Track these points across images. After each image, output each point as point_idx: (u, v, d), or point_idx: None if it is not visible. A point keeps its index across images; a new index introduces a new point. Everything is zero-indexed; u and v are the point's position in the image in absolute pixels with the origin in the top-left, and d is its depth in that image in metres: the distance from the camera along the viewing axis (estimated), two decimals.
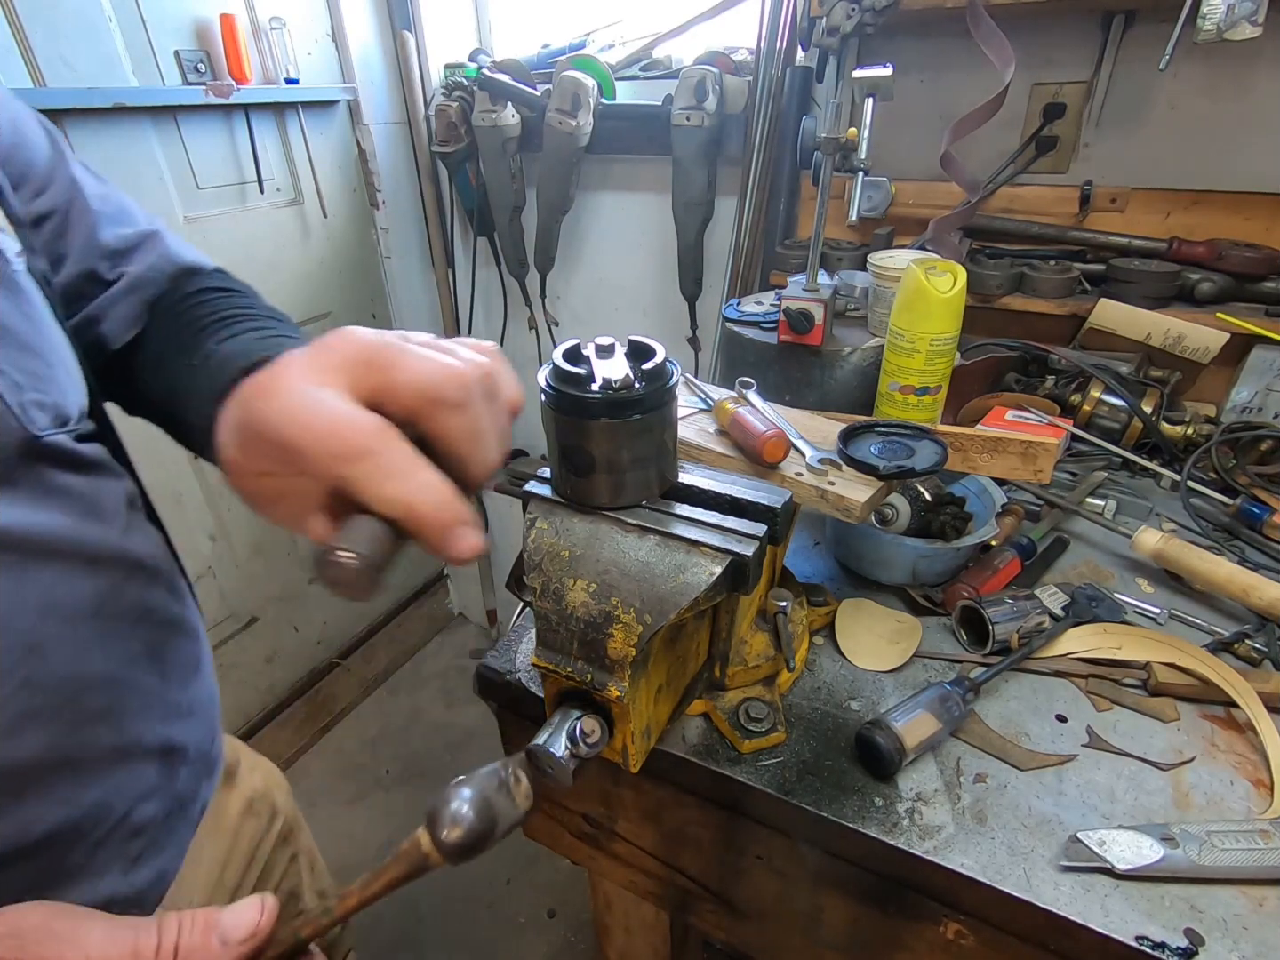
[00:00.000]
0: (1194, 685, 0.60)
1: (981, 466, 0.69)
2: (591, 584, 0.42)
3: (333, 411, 0.27)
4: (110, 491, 0.45)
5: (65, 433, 0.41)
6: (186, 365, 0.45)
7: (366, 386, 0.29)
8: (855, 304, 0.98)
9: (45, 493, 0.39)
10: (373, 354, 0.29)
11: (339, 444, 0.26)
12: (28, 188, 0.47)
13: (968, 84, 1.10)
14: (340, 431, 0.27)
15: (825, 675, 0.64)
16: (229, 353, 0.43)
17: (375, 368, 0.29)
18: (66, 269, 0.49)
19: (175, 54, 1.31)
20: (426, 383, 0.28)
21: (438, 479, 0.28)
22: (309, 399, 0.28)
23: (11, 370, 0.37)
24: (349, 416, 0.27)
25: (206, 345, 0.45)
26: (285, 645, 1.86)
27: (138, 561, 0.45)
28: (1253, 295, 0.98)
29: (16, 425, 0.37)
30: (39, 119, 0.50)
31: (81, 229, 0.50)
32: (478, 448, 0.29)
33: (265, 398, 0.29)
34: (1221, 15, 0.78)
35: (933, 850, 0.49)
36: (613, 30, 1.56)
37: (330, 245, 1.71)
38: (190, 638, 0.52)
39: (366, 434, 0.27)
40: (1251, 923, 0.45)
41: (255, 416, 0.29)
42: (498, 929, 1.56)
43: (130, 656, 0.44)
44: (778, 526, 0.45)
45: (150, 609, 0.47)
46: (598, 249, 1.67)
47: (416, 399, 0.28)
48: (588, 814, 0.68)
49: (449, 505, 0.28)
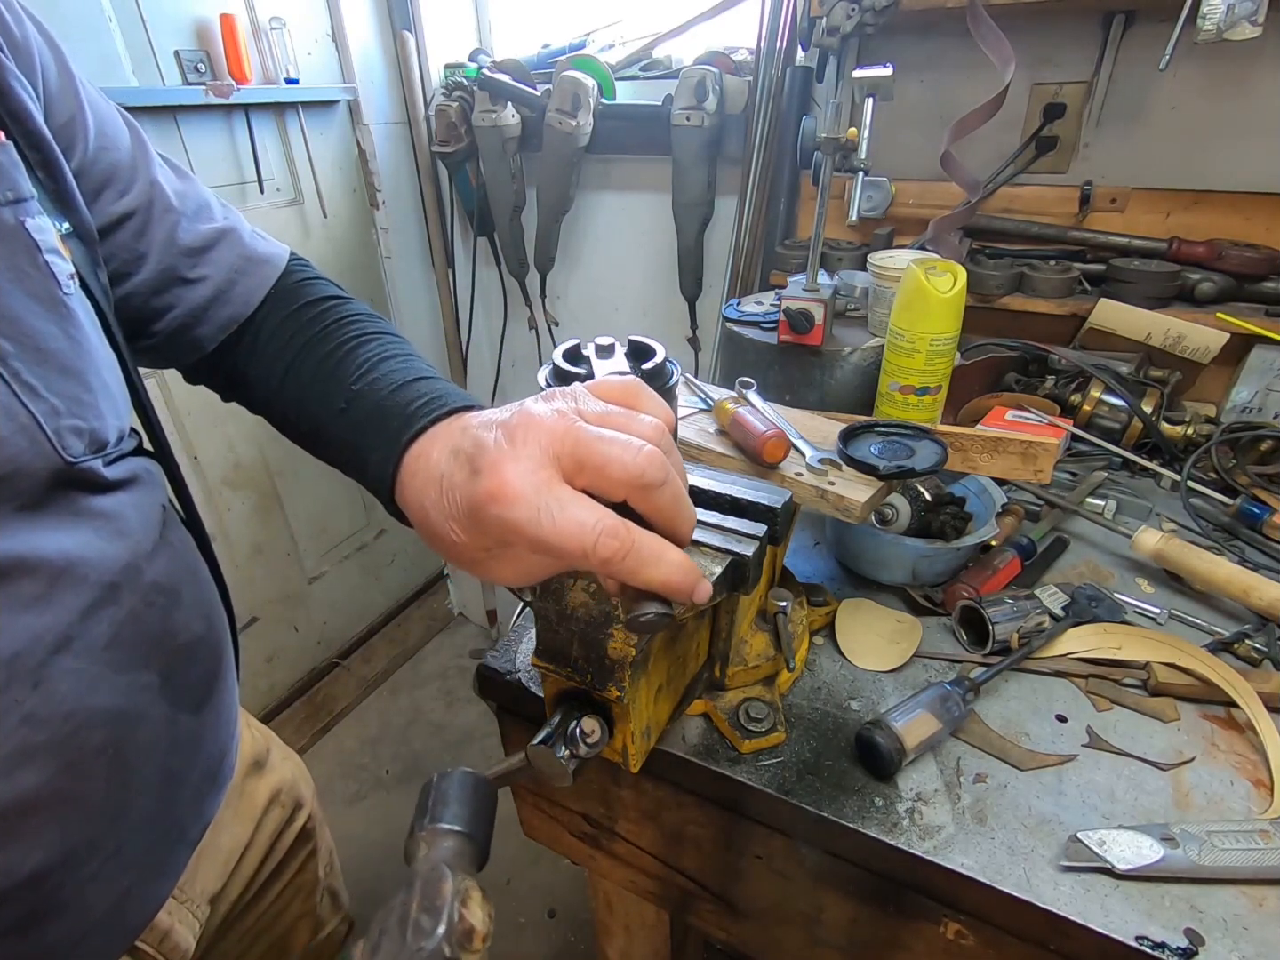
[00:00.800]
0: (1194, 685, 0.60)
1: (981, 466, 0.69)
2: (591, 584, 0.42)
3: (585, 517, 0.31)
4: (141, 507, 0.45)
5: (100, 458, 0.42)
6: (331, 408, 0.48)
7: (582, 484, 0.32)
8: (855, 304, 0.98)
9: (73, 516, 0.40)
10: (576, 451, 0.32)
11: (605, 550, 0.30)
12: (113, 189, 0.48)
13: (968, 84, 1.11)
14: (602, 539, 0.30)
15: (825, 675, 0.64)
16: (389, 407, 0.45)
17: (587, 469, 0.31)
18: (148, 267, 0.50)
19: (175, 54, 1.31)
20: (635, 474, 0.31)
21: (679, 555, 0.32)
22: (553, 501, 0.31)
23: (51, 396, 0.38)
24: (602, 522, 0.31)
25: (348, 385, 0.48)
26: (285, 645, 1.86)
27: (159, 585, 0.45)
28: (1253, 295, 0.98)
29: (51, 452, 0.38)
30: (123, 115, 0.51)
31: (162, 227, 0.51)
32: (681, 510, 0.33)
33: (509, 504, 0.31)
34: (1221, 15, 0.78)
35: (933, 850, 0.49)
36: (613, 30, 1.56)
37: (330, 245, 1.71)
38: (211, 656, 0.51)
39: (621, 538, 0.31)
40: (1251, 923, 0.45)
41: (502, 521, 0.32)
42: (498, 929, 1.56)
43: (139, 687, 0.43)
44: (778, 526, 0.45)
45: (169, 633, 0.46)
46: (598, 249, 1.67)
47: (629, 489, 0.31)
48: (588, 814, 0.68)
49: (693, 572, 0.32)
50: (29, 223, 0.38)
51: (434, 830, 0.27)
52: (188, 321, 0.53)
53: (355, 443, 0.46)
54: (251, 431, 1.64)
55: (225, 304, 0.53)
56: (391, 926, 0.23)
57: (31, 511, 0.38)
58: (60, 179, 0.42)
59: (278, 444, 1.71)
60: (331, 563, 1.95)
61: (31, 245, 0.38)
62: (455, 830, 0.27)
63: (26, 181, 0.39)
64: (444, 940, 0.22)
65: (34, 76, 0.43)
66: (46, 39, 0.45)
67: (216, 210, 0.55)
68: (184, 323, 0.53)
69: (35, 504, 0.38)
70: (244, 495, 1.66)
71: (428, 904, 0.23)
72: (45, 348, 0.38)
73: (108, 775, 0.41)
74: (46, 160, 0.41)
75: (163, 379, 1.43)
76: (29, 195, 0.39)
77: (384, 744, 2.00)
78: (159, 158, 0.53)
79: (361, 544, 2.02)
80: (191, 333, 0.53)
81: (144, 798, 0.44)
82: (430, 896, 0.23)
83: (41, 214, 0.39)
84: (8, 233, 0.37)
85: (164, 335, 0.53)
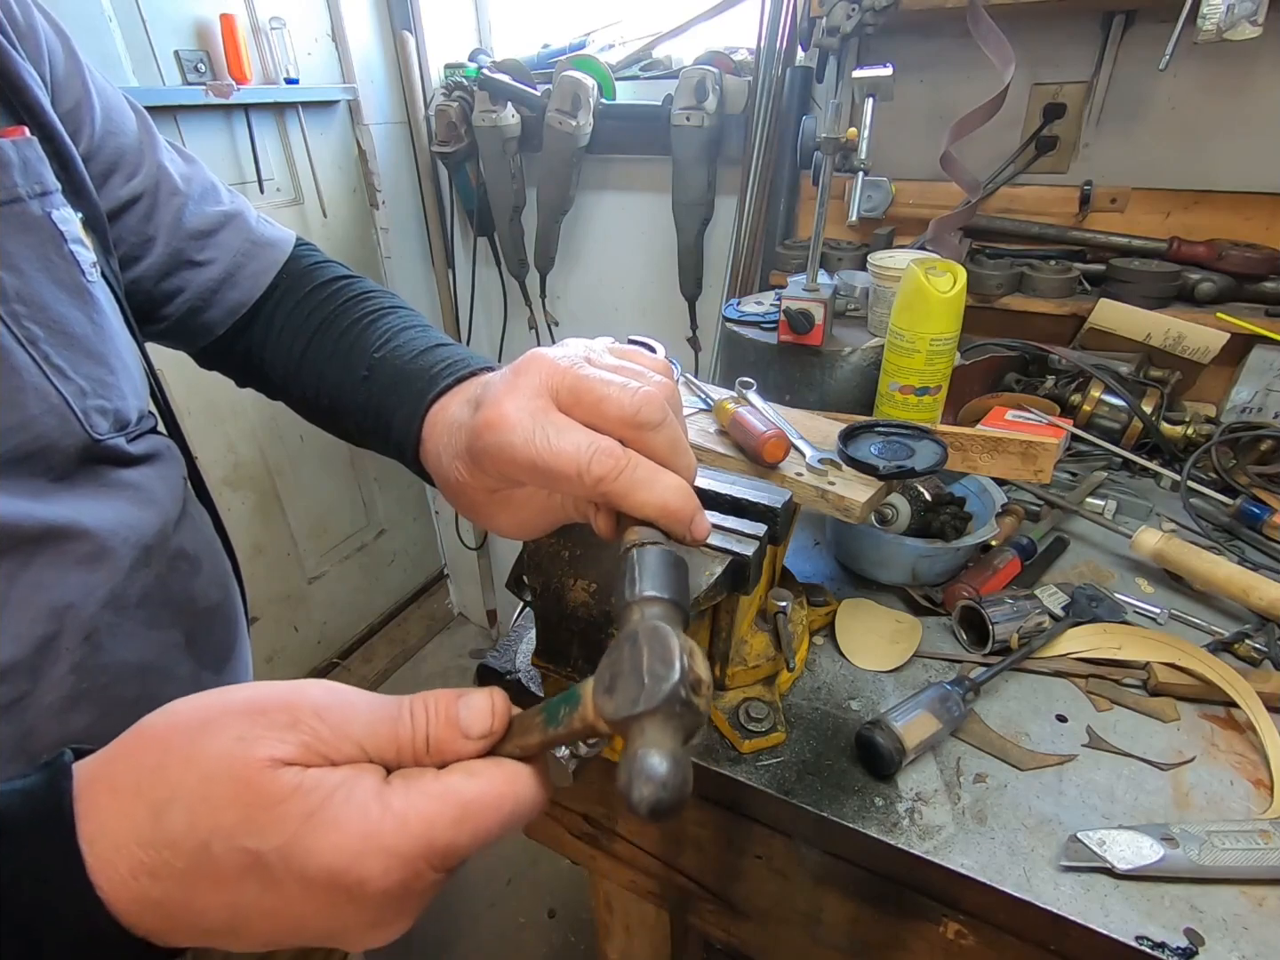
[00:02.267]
0: (1194, 685, 0.60)
1: (981, 466, 0.69)
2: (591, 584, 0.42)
3: (580, 439, 0.30)
4: (165, 478, 0.48)
5: (123, 435, 0.44)
6: (353, 376, 0.49)
7: (578, 418, 0.32)
8: (855, 304, 0.98)
9: (105, 487, 0.43)
10: (577, 386, 0.32)
11: (597, 466, 0.30)
12: (120, 174, 0.49)
13: (968, 84, 1.11)
14: (593, 452, 0.30)
15: (825, 675, 0.64)
16: (412, 370, 0.46)
17: (583, 403, 0.31)
18: (157, 250, 0.52)
19: (175, 54, 1.31)
20: (630, 411, 0.31)
21: (677, 478, 0.31)
22: (548, 426, 0.31)
23: (78, 378, 0.41)
24: (597, 441, 0.30)
25: (369, 355, 0.49)
26: (285, 645, 1.86)
27: (183, 553, 0.48)
28: (1253, 295, 0.98)
29: (80, 430, 0.41)
30: (129, 101, 0.52)
31: (169, 210, 0.52)
32: (679, 456, 0.32)
33: (503, 429, 0.31)
34: (1221, 15, 0.78)
35: (933, 850, 0.49)
36: (613, 30, 1.56)
37: (330, 245, 1.71)
38: (227, 624, 0.54)
39: (614, 454, 0.30)
40: (1251, 923, 0.45)
41: (499, 445, 0.32)
42: (498, 929, 1.57)
43: (167, 645, 0.46)
44: (778, 526, 0.45)
45: (191, 598, 0.49)
46: (598, 249, 1.67)
47: (623, 426, 0.31)
48: (588, 814, 0.68)
49: (689, 498, 0.31)
50: (55, 214, 0.40)
51: (644, 598, 0.28)
52: (197, 305, 0.54)
53: (379, 406, 0.47)
54: (251, 431, 1.64)
55: (233, 287, 0.54)
56: (625, 672, 0.25)
57: (66, 483, 0.41)
58: (73, 169, 0.43)
59: (278, 444, 1.71)
60: (331, 563, 1.95)
61: (58, 235, 0.40)
62: (664, 598, 0.28)
63: (51, 174, 0.41)
64: (680, 683, 0.24)
65: (41, 63, 0.43)
66: (53, 26, 0.46)
67: (223, 194, 0.56)
68: (194, 306, 0.54)
69: (67, 476, 0.41)
70: (244, 495, 1.66)
71: (660, 655, 0.25)
72: (72, 332, 0.41)
73: None
74: (59, 151, 0.42)
75: (162, 378, 1.43)
76: (54, 188, 0.41)
77: None
78: (165, 143, 0.53)
79: (361, 544, 2.02)
80: (201, 316, 0.54)
81: None
82: (660, 649, 0.25)
83: (65, 205, 0.41)
84: (35, 224, 0.39)
85: (174, 319, 0.54)
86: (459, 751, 0.28)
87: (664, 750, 0.23)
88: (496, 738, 0.28)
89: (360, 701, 0.28)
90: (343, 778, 0.26)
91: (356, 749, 0.27)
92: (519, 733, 0.29)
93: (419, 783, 0.26)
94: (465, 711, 0.28)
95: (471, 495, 0.38)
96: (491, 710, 0.28)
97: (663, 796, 0.22)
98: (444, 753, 0.27)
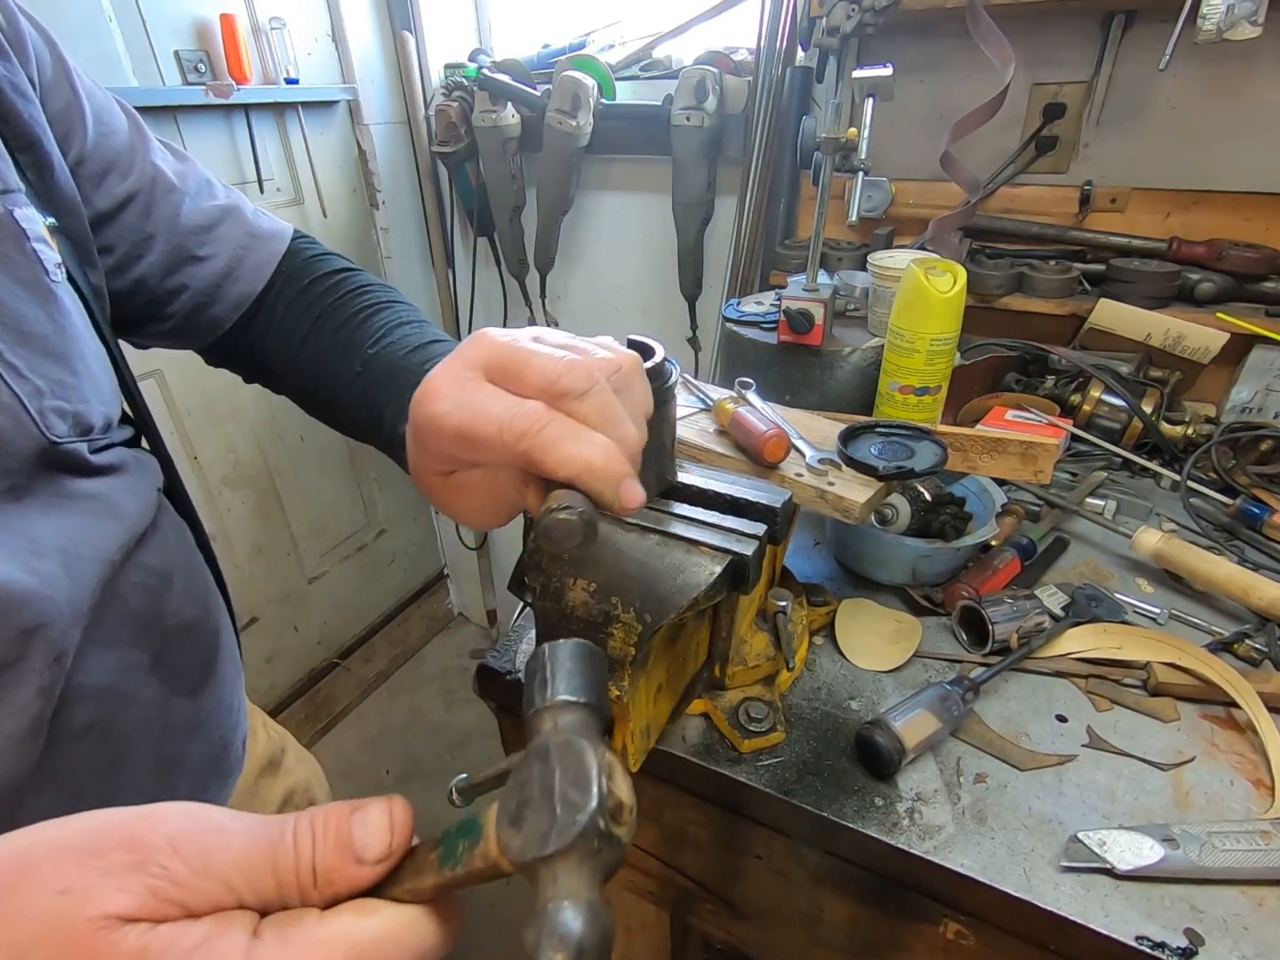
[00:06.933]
0: (1194, 685, 0.60)
1: (981, 467, 0.69)
2: (591, 584, 0.42)
3: (500, 399, 0.31)
4: (133, 490, 0.46)
5: (85, 441, 0.42)
6: (349, 371, 0.49)
7: (504, 386, 0.32)
8: (855, 304, 0.98)
9: (60, 497, 0.40)
10: (505, 357, 0.32)
11: (518, 423, 0.29)
12: (115, 174, 0.49)
13: (968, 84, 1.10)
14: (514, 412, 0.30)
15: (825, 675, 0.64)
16: (406, 367, 0.46)
17: (508, 372, 0.31)
18: (157, 247, 0.51)
19: (175, 54, 1.31)
20: (550, 379, 0.30)
21: (604, 437, 0.30)
22: (474, 393, 0.31)
23: (34, 377, 0.39)
24: (516, 401, 0.30)
25: (364, 350, 0.49)
26: (285, 645, 1.86)
27: (149, 568, 0.46)
28: (1253, 295, 0.98)
29: (36, 431, 0.38)
30: (119, 103, 0.52)
31: (166, 206, 0.52)
32: (612, 426, 0.31)
33: (432, 400, 0.32)
34: (1221, 15, 0.78)
35: (933, 850, 0.49)
36: (613, 30, 1.56)
37: (330, 245, 1.67)
38: (205, 643, 0.51)
39: (536, 412, 0.30)
40: (1251, 923, 0.45)
41: (428, 417, 0.32)
42: (498, 929, 1.56)
43: (127, 665, 0.43)
44: (778, 526, 0.45)
45: (159, 615, 0.46)
46: (598, 249, 1.67)
47: (545, 393, 0.31)
48: None
49: (618, 458, 0.30)
50: (17, 212, 0.39)
51: (558, 703, 0.25)
52: (202, 301, 0.53)
53: (372, 402, 0.47)
54: (251, 431, 1.64)
55: (236, 280, 0.54)
56: (534, 798, 0.22)
57: (20, 494, 0.38)
58: (49, 179, 0.43)
59: (278, 444, 1.71)
60: (331, 563, 1.95)
61: (19, 233, 0.39)
62: (579, 702, 0.25)
63: (13, 174, 0.40)
64: (597, 814, 0.21)
65: (29, 68, 0.43)
66: (40, 32, 0.45)
67: (218, 189, 0.56)
68: (199, 302, 0.53)
69: (20, 484, 0.38)
70: (244, 495, 1.66)
71: (573, 777, 0.22)
72: (30, 331, 0.39)
73: (97, 756, 0.41)
74: (37, 161, 0.42)
75: (162, 378, 1.43)
76: (16, 187, 0.40)
77: (384, 744, 2.00)
78: (157, 142, 0.53)
79: (361, 544, 2.02)
80: (207, 312, 0.54)
81: (139, 780, 0.44)
82: (574, 769, 0.22)
83: (29, 205, 0.40)
84: None
85: (180, 316, 0.54)
86: (352, 880, 0.23)
87: (579, 902, 0.20)
88: (396, 859, 0.24)
89: (232, 826, 0.23)
90: (202, 936, 0.21)
91: (223, 890, 0.22)
92: (411, 873, 0.24)
93: (298, 930, 0.22)
94: (360, 830, 0.23)
95: (428, 480, 0.38)
96: (390, 827, 0.24)
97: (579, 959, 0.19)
98: (334, 883, 0.23)
